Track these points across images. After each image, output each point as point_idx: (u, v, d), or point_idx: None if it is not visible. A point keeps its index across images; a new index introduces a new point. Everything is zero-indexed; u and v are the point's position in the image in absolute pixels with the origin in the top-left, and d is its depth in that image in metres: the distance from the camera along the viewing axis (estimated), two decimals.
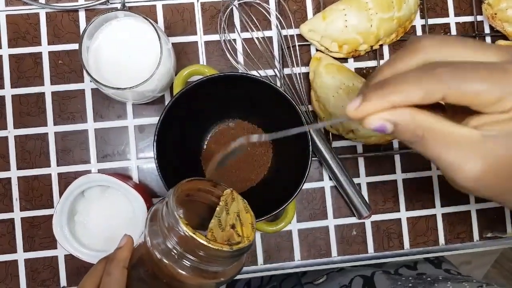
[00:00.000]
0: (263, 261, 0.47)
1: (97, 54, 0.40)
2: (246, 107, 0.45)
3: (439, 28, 0.51)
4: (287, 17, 0.48)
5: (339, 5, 0.46)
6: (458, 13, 0.51)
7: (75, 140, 0.47)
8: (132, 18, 0.40)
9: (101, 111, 0.47)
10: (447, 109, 0.27)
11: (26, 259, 0.46)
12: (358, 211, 0.47)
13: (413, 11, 0.48)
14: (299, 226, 0.48)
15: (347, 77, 0.46)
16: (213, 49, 0.48)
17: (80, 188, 0.41)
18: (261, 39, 0.48)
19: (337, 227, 0.48)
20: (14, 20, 0.47)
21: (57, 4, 0.47)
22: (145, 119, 0.47)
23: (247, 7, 0.48)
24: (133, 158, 0.47)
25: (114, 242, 0.41)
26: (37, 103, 0.47)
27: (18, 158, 0.46)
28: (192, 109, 0.42)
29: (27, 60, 0.47)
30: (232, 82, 0.41)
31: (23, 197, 0.46)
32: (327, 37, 0.46)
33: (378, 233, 0.49)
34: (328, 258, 0.48)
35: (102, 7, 0.48)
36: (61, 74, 0.47)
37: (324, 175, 0.48)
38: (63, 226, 0.41)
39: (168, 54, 0.40)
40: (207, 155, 0.46)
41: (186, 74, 0.42)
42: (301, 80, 0.47)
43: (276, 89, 0.40)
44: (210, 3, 0.49)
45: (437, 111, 0.25)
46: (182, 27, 0.48)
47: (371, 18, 0.45)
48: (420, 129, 0.25)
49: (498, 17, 0.49)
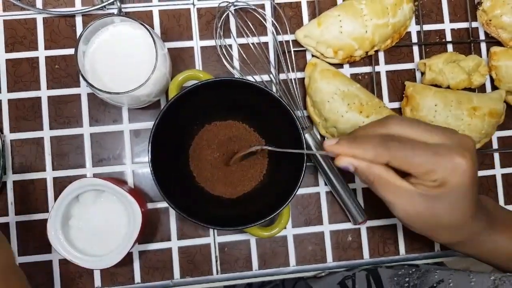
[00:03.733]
0: (258, 267, 0.47)
1: (93, 59, 0.40)
2: (242, 111, 0.45)
3: (434, 34, 0.51)
4: (283, 23, 0.49)
5: (334, 11, 0.46)
6: (453, 20, 0.51)
7: (70, 145, 0.47)
8: (128, 23, 0.41)
9: (97, 116, 0.47)
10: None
11: (21, 264, 0.46)
12: (354, 217, 0.47)
13: (408, 17, 0.48)
14: (294, 232, 0.48)
15: (342, 82, 0.46)
16: (209, 54, 0.49)
17: (74, 192, 0.41)
18: (257, 44, 0.48)
19: (332, 233, 0.48)
20: (11, 25, 0.47)
21: (54, 9, 0.48)
22: (140, 124, 0.48)
23: (243, 12, 0.49)
24: (129, 163, 0.47)
25: (108, 247, 0.42)
26: (33, 108, 0.47)
27: (13, 162, 0.46)
28: (187, 114, 0.43)
29: (23, 65, 0.47)
30: (227, 87, 0.41)
31: (18, 201, 0.46)
32: (323, 43, 0.47)
33: (374, 239, 0.48)
34: (324, 264, 0.48)
35: (99, 13, 0.48)
36: (57, 79, 0.47)
37: (319, 180, 0.48)
38: (57, 230, 0.41)
39: (163, 59, 0.40)
40: (199, 158, 0.46)
41: (182, 79, 0.42)
42: (297, 85, 0.48)
43: (271, 94, 0.40)
44: (206, 9, 0.49)
45: (390, 167, 0.35)
46: (178, 32, 0.49)
47: (366, 24, 0.46)
48: (372, 176, 0.35)
49: (493, 24, 0.49)
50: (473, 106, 0.47)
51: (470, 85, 0.49)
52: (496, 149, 0.51)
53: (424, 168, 0.33)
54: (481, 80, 0.49)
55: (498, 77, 0.49)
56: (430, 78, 0.48)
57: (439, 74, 0.48)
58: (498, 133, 0.51)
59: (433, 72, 0.48)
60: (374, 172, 0.34)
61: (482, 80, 0.49)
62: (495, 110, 0.47)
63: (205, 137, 0.46)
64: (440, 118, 0.46)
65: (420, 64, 0.49)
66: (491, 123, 0.47)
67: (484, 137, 0.48)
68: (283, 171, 0.43)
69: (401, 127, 0.34)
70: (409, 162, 0.33)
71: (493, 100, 0.48)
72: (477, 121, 0.46)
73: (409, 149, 0.33)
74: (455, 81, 0.48)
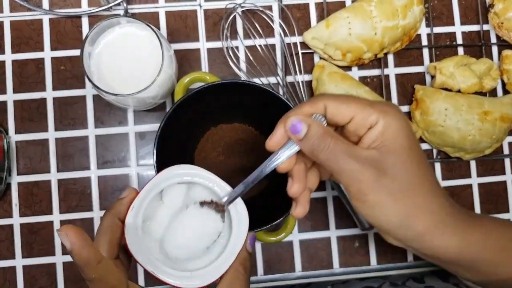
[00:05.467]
0: (263, 272, 0.47)
1: (99, 60, 0.40)
2: (247, 114, 0.44)
3: (444, 37, 0.50)
4: (291, 25, 0.48)
5: (343, 13, 0.46)
6: (464, 22, 0.50)
7: (75, 146, 0.47)
8: (134, 25, 0.40)
9: (102, 117, 0.47)
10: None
11: (24, 266, 0.45)
12: (361, 222, 0.46)
13: (418, 20, 0.48)
14: (300, 237, 0.47)
15: (351, 85, 0.45)
16: (216, 56, 0.48)
17: (160, 185, 0.32)
18: (264, 46, 0.48)
19: (339, 238, 0.47)
20: (17, 25, 0.47)
21: (61, 10, 0.47)
22: (146, 126, 0.47)
23: (250, 14, 0.48)
24: (134, 165, 0.47)
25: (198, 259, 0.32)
26: (38, 109, 0.47)
27: (18, 164, 0.46)
28: (193, 116, 0.42)
29: (29, 66, 0.47)
30: (234, 90, 0.41)
31: (23, 203, 0.46)
32: (331, 45, 0.46)
33: (381, 245, 0.48)
34: (330, 270, 0.47)
35: (105, 14, 0.48)
36: (62, 80, 0.47)
37: (326, 185, 0.48)
38: (140, 239, 0.31)
39: (169, 61, 0.40)
40: (204, 160, 0.45)
41: (188, 81, 0.42)
42: (304, 88, 0.47)
43: (278, 97, 0.39)
44: (213, 10, 0.48)
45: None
46: (185, 34, 0.48)
47: (376, 26, 0.45)
48: (328, 136, 0.31)
49: (505, 27, 0.48)
50: (484, 110, 0.46)
51: (481, 89, 0.48)
52: (507, 154, 0.49)
53: (358, 110, 0.31)
54: (492, 84, 0.48)
55: (510, 81, 0.48)
56: (440, 81, 0.47)
57: (450, 78, 0.47)
58: (509, 139, 0.50)
59: (443, 76, 0.47)
60: (331, 132, 0.31)
61: (494, 84, 0.48)
62: (507, 115, 0.46)
63: (210, 140, 0.45)
64: (451, 123, 0.45)
65: (430, 67, 0.48)
66: (502, 128, 0.46)
67: (495, 142, 0.47)
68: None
69: (335, 104, 0.31)
70: (345, 108, 0.31)
71: (504, 105, 0.47)
72: (488, 125, 0.45)
73: (344, 99, 0.32)
74: (466, 84, 0.47)
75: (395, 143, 0.31)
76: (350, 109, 0.31)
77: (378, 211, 0.32)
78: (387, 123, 0.31)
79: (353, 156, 0.31)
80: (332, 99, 0.32)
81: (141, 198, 0.32)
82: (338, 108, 0.31)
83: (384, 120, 0.31)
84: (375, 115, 0.31)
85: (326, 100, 0.32)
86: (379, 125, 0.31)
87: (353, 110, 0.31)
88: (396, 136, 0.31)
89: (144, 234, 0.32)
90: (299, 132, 0.31)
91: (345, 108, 0.31)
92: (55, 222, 0.46)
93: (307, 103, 0.32)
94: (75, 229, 0.27)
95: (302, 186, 0.33)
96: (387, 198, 0.31)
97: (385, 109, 0.31)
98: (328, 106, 0.31)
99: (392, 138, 0.31)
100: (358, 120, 0.31)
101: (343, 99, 0.32)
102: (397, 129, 0.31)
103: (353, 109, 0.31)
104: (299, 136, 0.31)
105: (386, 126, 0.31)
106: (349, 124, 0.32)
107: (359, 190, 0.31)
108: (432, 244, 0.32)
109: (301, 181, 0.33)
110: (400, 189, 0.31)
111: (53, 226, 0.46)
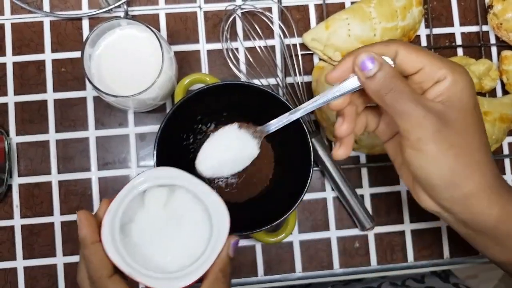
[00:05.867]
0: (263, 273, 0.47)
1: (100, 62, 0.40)
2: (248, 115, 0.44)
3: (444, 38, 0.50)
4: (290, 26, 0.48)
5: (342, 15, 0.46)
6: (463, 23, 0.51)
7: (76, 148, 0.47)
8: (135, 27, 0.40)
9: (103, 119, 0.47)
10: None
11: (25, 267, 0.45)
12: (361, 223, 0.46)
13: (418, 21, 0.48)
14: (300, 237, 0.47)
15: None
16: (216, 57, 0.48)
17: (139, 187, 0.32)
18: (264, 48, 0.48)
19: (339, 239, 0.47)
20: (18, 28, 0.47)
21: (61, 12, 0.48)
22: (146, 127, 0.47)
23: (250, 16, 0.48)
24: (134, 166, 0.47)
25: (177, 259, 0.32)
26: (39, 110, 0.47)
27: (19, 165, 0.46)
28: (193, 117, 0.42)
29: (30, 68, 0.47)
30: (234, 91, 0.41)
31: (24, 204, 0.46)
32: (330, 46, 0.46)
33: (381, 245, 0.48)
34: (330, 271, 0.47)
35: (106, 16, 0.48)
36: (63, 82, 0.47)
37: (326, 185, 0.48)
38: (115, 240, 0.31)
39: (170, 62, 0.40)
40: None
41: (188, 83, 0.42)
42: (304, 89, 0.47)
43: (278, 98, 0.39)
44: (213, 12, 0.49)
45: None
46: (185, 35, 0.48)
47: (375, 27, 0.45)
48: (398, 78, 0.30)
49: (504, 27, 0.48)
50: (484, 110, 0.46)
51: (480, 90, 0.48)
52: (507, 155, 0.50)
53: (429, 67, 0.31)
54: (491, 84, 0.48)
55: (509, 82, 0.49)
56: None
57: None
58: (509, 139, 0.50)
59: None
60: (401, 77, 0.31)
61: (493, 84, 0.48)
62: (506, 115, 0.46)
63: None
64: None
65: None
66: (501, 128, 0.46)
67: (494, 142, 0.47)
68: (290, 176, 0.43)
69: (406, 51, 0.31)
70: (415, 57, 0.31)
71: (504, 105, 0.47)
72: (487, 126, 0.45)
73: (416, 48, 0.31)
74: None
75: (461, 100, 0.31)
76: (421, 59, 0.31)
77: (433, 163, 0.31)
78: (455, 80, 0.31)
79: (420, 102, 0.30)
80: (405, 45, 0.31)
81: (118, 202, 0.32)
82: (410, 56, 0.31)
83: (452, 77, 0.31)
84: (444, 70, 0.31)
85: (399, 46, 0.31)
86: (446, 80, 0.31)
87: (423, 61, 0.31)
88: (462, 94, 0.31)
89: (124, 236, 0.32)
90: (369, 69, 0.30)
91: (416, 57, 0.31)
92: (56, 223, 0.46)
93: (379, 44, 0.32)
94: (86, 213, 0.32)
95: (351, 127, 0.33)
96: (446, 150, 0.30)
97: (454, 67, 0.31)
98: (399, 52, 0.31)
99: (458, 95, 0.31)
100: (426, 72, 0.31)
101: (416, 49, 0.31)
102: (464, 87, 0.31)
103: (423, 60, 0.31)
104: (368, 73, 0.30)
105: (454, 83, 0.31)
106: (416, 75, 0.32)
107: (420, 137, 0.30)
108: (475, 209, 0.32)
109: (351, 122, 0.33)
110: (460, 144, 0.31)
111: (54, 227, 0.46)
